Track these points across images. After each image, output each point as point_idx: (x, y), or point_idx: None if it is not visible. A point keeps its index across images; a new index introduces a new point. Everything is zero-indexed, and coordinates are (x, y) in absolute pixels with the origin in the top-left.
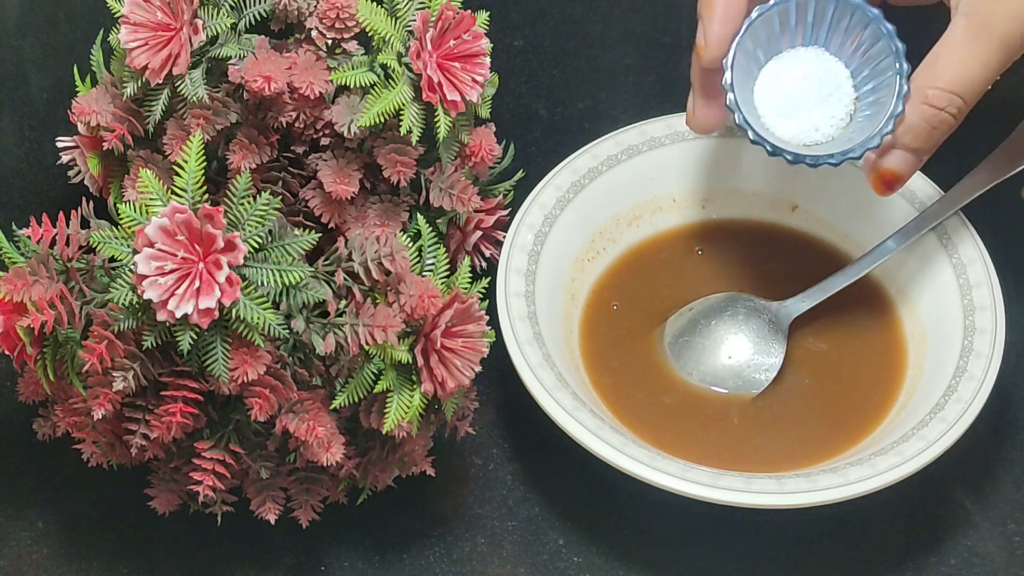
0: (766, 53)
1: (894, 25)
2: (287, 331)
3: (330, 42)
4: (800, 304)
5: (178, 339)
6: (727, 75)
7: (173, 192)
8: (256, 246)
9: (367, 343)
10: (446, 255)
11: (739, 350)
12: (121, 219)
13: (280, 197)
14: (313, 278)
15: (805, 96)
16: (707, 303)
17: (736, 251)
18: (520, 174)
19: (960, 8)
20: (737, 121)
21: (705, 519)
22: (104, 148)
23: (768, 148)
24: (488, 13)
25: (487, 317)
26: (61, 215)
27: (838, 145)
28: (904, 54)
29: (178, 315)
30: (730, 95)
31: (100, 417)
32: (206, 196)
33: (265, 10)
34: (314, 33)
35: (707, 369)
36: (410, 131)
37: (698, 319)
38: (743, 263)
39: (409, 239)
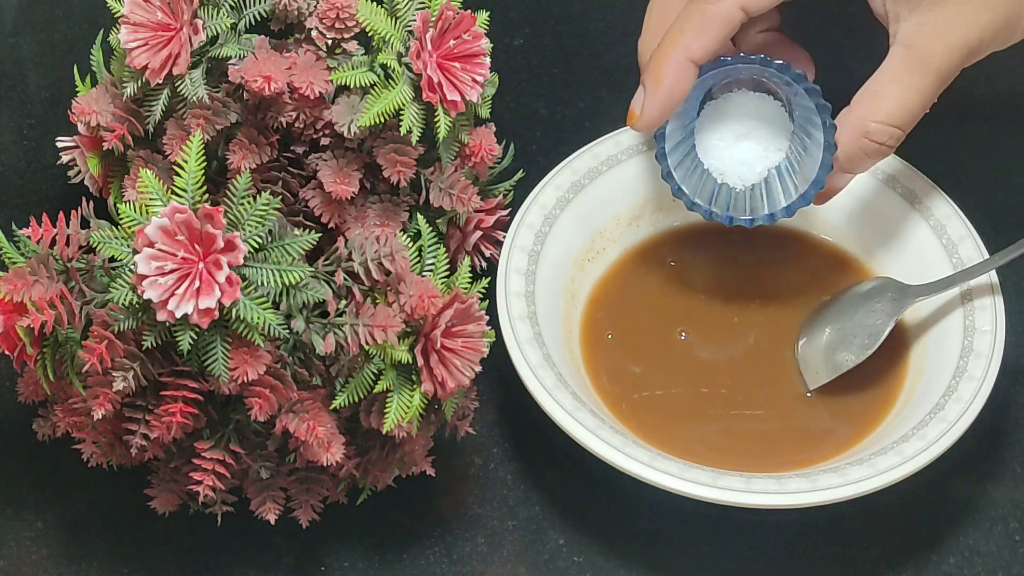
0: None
1: (818, 87)
2: (287, 331)
3: (330, 42)
4: (926, 290)
5: (178, 339)
6: (660, 145)
7: (173, 192)
8: (256, 246)
9: (367, 343)
10: (446, 255)
11: (850, 318)
12: (121, 219)
13: (280, 197)
14: (313, 278)
15: (747, 129)
16: (852, 291)
17: (737, 251)
18: (520, 174)
19: (899, 39)
20: (673, 191)
21: (705, 519)
22: (104, 148)
23: (704, 214)
24: (488, 13)
25: (487, 317)
26: (61, 215)
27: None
28: (828, 111)
29: (178, 315)
30: (664, 165)
31: (100, 417)
32: (206, 196)
33: (265, 10)
34: (314, 33)
35: (816, 332)
36: (410, 131)
37: (838, 307)
38: (743, 263)
39: (409, 239)
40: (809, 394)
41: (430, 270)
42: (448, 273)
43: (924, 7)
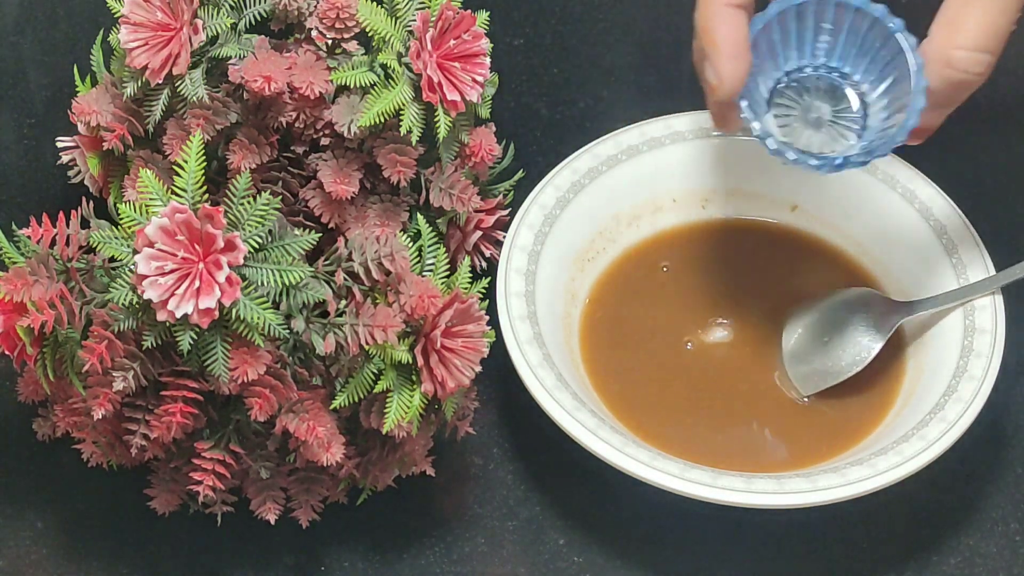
0: (774, 59)
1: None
2: (287, 331)
3: (330, 42)
4: (917, 307)
5: (178, 339)
6: (743, 110)
7: (173, 192)
8: (256, 246)
9: (367, 343)
10: (446, 255)
11: (839, 338)
12: (121, 219)
13: (280, 197)
14: (313, 278)
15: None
16: (834, 295)
17: (736, 251)
18: (520, 174)
19: None
20: (756, 133)
21: (705, 519)
22: (104, 148)
23: (791, 157)
24: (488, 13)
25: (487, 317)
26: (61, 215)
27: (866, 139)
28: (912, 48)
29: (178, 315)
30: (755, 124)
31: (100, 417)
32: (206, 196)
33: (265, 10)
34: (314, 33)
35: (802, 348)
36: (410, 131)
37: (819, 308)
38: (743, 263)
39: (409, 239)
40: (806, 400)
41: (430, 270)
42: (448, 273)
43: None
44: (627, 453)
